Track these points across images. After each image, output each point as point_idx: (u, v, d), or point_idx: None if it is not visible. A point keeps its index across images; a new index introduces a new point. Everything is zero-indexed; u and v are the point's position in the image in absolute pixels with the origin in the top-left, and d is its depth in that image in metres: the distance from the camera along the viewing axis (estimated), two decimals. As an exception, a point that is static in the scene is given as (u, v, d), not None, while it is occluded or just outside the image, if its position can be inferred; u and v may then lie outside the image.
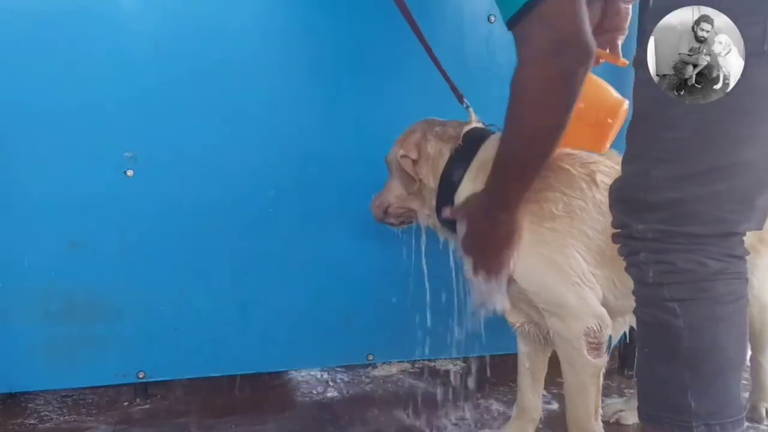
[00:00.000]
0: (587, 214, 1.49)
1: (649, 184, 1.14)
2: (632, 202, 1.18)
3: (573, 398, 1.53)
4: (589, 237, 1.49)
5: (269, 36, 1.88)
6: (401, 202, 1.74)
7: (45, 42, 1.74)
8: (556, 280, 1.47)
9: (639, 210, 1.16)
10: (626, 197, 1.20)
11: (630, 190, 1.19)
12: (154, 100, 1.82)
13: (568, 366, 1.51)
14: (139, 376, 1.94)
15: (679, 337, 1.14)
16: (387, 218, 1.77)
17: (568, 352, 1.49)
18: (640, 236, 1.16)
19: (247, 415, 1.92)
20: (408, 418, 1.91)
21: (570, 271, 1.47)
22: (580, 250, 1.48)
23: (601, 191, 1.50)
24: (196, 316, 1.94)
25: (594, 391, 1.51)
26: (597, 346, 1.47)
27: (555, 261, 1.47)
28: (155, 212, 1.87)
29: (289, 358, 2.08)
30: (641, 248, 1.17)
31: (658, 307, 1.16)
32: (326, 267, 2.02)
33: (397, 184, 1.73)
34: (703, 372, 1.14)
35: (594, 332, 1.46)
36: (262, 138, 1.91)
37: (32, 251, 1.82)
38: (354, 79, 1.93)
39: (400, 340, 2.11)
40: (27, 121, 1.76)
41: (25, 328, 1.83)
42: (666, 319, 1.15)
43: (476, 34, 1.98)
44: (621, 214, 1.22)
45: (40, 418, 1.89)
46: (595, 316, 1.47)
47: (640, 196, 1.16)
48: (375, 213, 1.78)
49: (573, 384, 1.52)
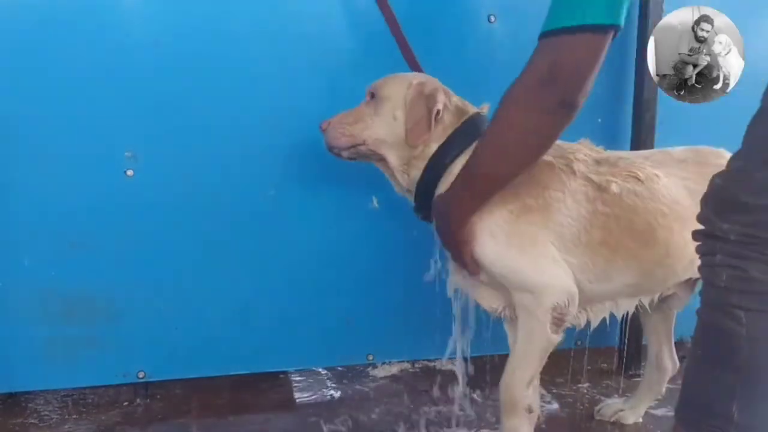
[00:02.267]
0: (563, 204, 1.52)
1: (750, 185, 1.11)
2: (725, 200, 1.14)
3: (516, 365, 1.55)
4: (563, 226, 1.51)
5: (269, 36, 1.87)
6: (377, 146, 1.60)
7: (45, 42, 1.74)
8: (527, 265, 1.50)
9: (729, 208, 1.13)
10: (721, 193, 1.16)
11: (728, 187, 1.15)
12: (154, 100, 1.82)
13: (526, 336, 1.52)
14: (139, 376, 1.94)
15: (739, 346, 1.11)
16: (344, 152, 1.61)
17: (531, 324, 1.51)
18: (722, 236, 1.13)
19: (247, 415, 1.92)
20: (408, 418, 1.91)
21: (541, 258, 1.50)
22: (552, 241, 1.51)
23: (577, 180, 1.54)
24: (196, 316, 1.94)
25: (538, 364, 1.55)
26: (560, 323, 1.50)
27: (527, 251, 1.49)
28: (155, 212, 1.87)
29: (289, 358, 2.08)
30: (718, 250, 1.14)
31: (723, 312, 1.13)
32: (326, 267, 2.02)
33: (382, 124, 1.59)
34: (755, 386, 1.12)
35: (561, 308, 1.49)
36: (262, 138, 1.91)
37: (32, 251, 1.82)
38: (354, 78, 1.93)
39: (400, 340, 2.11)
40: (27, 121, 1.76)
41: (25, 328, 1.83)
42: (729, 325, 1.12)
43: (476, 34, 1.98)
44: (708, 210, 1.18)
45: (40, 418, 1.90)
46: (566, 292, 1.50)
47: (736, 195, 1.12)
48: (337, 141, 1.60)
49: (522, 352, 1.54)
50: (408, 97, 1.57)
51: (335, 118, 1.62)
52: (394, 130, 1.58)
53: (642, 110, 2.07)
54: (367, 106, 1.61)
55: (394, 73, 1.66)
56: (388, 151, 1.60)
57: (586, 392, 2.08)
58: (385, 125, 1.58)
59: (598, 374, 2.18)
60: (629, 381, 2.14)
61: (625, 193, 1.55)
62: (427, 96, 1.57)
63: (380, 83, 1.62)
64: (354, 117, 1.60)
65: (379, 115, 1.59)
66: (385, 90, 1.60)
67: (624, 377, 2.17)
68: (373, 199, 2.00)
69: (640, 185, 1.56)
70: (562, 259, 1.51)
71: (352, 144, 1.59)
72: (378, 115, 1.59)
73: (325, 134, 1.62)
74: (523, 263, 1.50)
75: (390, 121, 1.58)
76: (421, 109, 1.56)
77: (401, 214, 2.00)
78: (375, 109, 1.60)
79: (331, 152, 1.64)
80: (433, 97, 1.57)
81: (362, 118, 1.60)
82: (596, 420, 1.91)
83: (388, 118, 1.58)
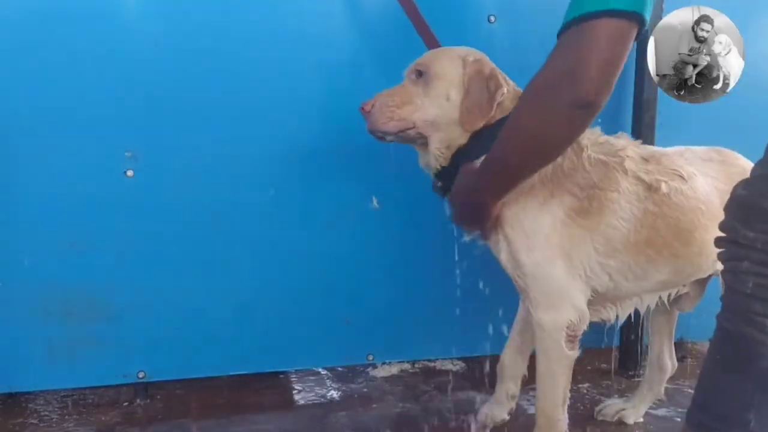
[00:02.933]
0: (618, 204, 1.51)
1: None
2: (750, 208, 1.14)
3: (544, 387, 1.56)
4: (614, 227, 1.51)
5: (269, 36, 1.87)
6: (426, 128, 1.47)
7: (45, 42, 1.74)
8: (561, 273, 1.49)
9: (754, 217, 1.12)
10: (746, 201, 1.15)
11: (753, 194, 1.14)
12: (154, 100, 1.82)
13: (544, 356, 1.54)
14: (139, 376, 1.94)
15: (760, 354, 1.11)
16: (389, 136, 1.49)
17: (546, 343, 1.52)
18: (748, 244, 1.12)
19: (247, 415, 1.92)
20: (408, 418, 1.91)
21: (579, 266, 1.50)
22: (599, 244, 1.50)
23: (629, 179, 1.52)
24: (196, 316, 1.94)
25: (564, 381, 1.56)
26: (573, 339, 1.52)
27: (570, 256, 1.49)
28: (155, 212, 1.87)
29: (289, 358, 2.08)
30: (745, 257, 1.13)
31: (745, 319, 1.13)
32: (326, 267, 2.02)
33: (434, 105, 1.46)
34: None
35: (574, 326, 1.51)
36: (262, 137, 1.91)
37: (32, 251, 1.81)
38: (355, 78, 1.93)
39: (400, 340, 2.11)
40: (27, 121, 1.76)
41: (25, 328, 1.83)
42: (751, 332, 1.12)
43: (476, 34, 1.98)
44: (732, 218, 1.17)
45: (40, 418, 1.89)
46: (578, 311, 1.51)
47: (761, 202, 1.12)
48: (385, 126, 1.46)
49: (545, 373, 1.55)
50: (466, 77, 1.47)
51: (378, 99, 1.49)
52: (446, 111, 1.47)
53: (642, 110, 2.07)
54: (415, 85, 1.49)
55: (440, 48, 1.56)
56: (435, 132, 1.49)
57: (586, 392, 2.08)
58: (437, 107, 1.47)
59: (598, 374, 2.18)
60: (629, 381, 2.14)
61: (673, 193, 1.54)
62: (488, 77, 1.47)
63: (429, 59, 1.51)
64: (401, 98, 1.48)
65: (431, 96, 1.48)
66: (436, 67, 1.47)
67: (624, 377, 2.17)
68: (373, 199, 1.99)
69: (684, 184, 1.57)
70: (604, 262, 1.51)
71: (402, 128, 1.47)
72: (429, 95, 1.48)
73: (369, 117, 1.49)
74: (556, 273, 1.49)
75: (443, 102, 1.47)
76: (482, 91, 1.45)
77: (401, 214, 2.00)
78: (425, 88, 1.48)
79: (373, 135, 1.51)
80: (495, 79, 1.48)
81: (411, 99, 1.47)
82: (596, 420, 1.91)
83: (441, 99, 1.47)
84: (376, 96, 1.52)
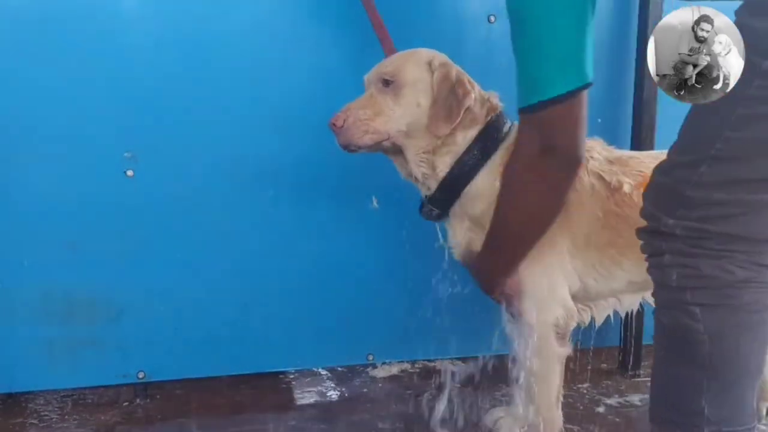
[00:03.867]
0: (580, 203, 1.52)
1: (697, 180, 1.10)
2: (671, 194, 1.14)
3: (538, 386, 1.58)
4: (577, 226, 1.52)
5: (269, 36, 1.87)
6: (401, 138, 1.44)
7: (45, 42, 1.74)
8: (538, 272, 1.51)
9: (676, 203, 1.12)
10: (666, 188, 1.15)
11: (673, 181, 1.14)
12: (154, 100, 1.82)
13: (536, 355, 1.55)
14: (139, 376, 1.94)
15: (700, 341, 1.12)
16: (363, 149, 1.45)
17: (537, 341, 1.54)
18: (668, 231, 1.13)
19: (247, 415, 1.92)
20: (408, 419, 1.91)
21: (554, 267, 1.52)
22: (566, 245, 1.52)
23: (591, 178, 1.54)
24: (196, 316, 1.95)
25: (556, 379, 1.58)
26: (563, 336, 1.54)
27: (543, 259, 1.50)
28: (155, 212, 1.87)
29: (289, 358, 2.08)
30: (666, 249, 1.14)
31: (680, 311, 1.14)
32: (326, 267, 2.02)
33: (406, 114, 1.43)
34: (721, 378, 1.13)
35: (562, 322, 1.53)
36: (262, 137, 1.91)
37: (32, 251, 1.82)
38: (355, 78, 1.93)
39: (400, 340, 2.11)
40: (27, 121, 1.77)
41: (25, 328, 1.84)
42: (687, 323, 1.13)
43: (476, 34, 1.98)
44: (653, 206, 1.17)
45: (40, 418, 1.89)
46: (564, 307, 1.53)
47: (683, 189, 1.11)
48: (360, 140, 1.42)
49: (538, 371, 1.56)
50: (434, 83, 1.45)
51: (349, 112, 1.46)
52: (418, 119, 1.45)
53: (642, 110, 2.06)
54: (383, 95, 1.46)
55: (399, 53, 1.55)
56: (407, 141, 1.47)
57: (586, 392, 2.07)
58: (409, 115, 1.44)
59: (598, 374, 2.18)
60: (629, 381, 2.14)
61: (636, 193, 1.54)
62: (456, 82, 1.46)
63: (396, 67, 1.47)
64: (372, 109, 1.44)
65: (401, 105, 1.45)
66: (405, 75, 1.45)
67: (624, 377, 2.17)
68: (373, 199, 1.99)
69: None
70: (570, 261, 1.53)
71: (377, 141, 1.45)
72: (400, 104, 1.45)
73: (342, 132, 1.44)
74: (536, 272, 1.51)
75: (414, 110, 1.45)
76: (450, 96, 1.43)
77: (401, 214, 2.00)
78: (394, 98, 1.45)
79: (346, 150, 1.48)
80: (462, 84, 1.46)
81: (382, 110, 1.44)
82: (597, 420, 1.91)
83: (412, 107, 1.45)
84: (344, 109, 1.48)
